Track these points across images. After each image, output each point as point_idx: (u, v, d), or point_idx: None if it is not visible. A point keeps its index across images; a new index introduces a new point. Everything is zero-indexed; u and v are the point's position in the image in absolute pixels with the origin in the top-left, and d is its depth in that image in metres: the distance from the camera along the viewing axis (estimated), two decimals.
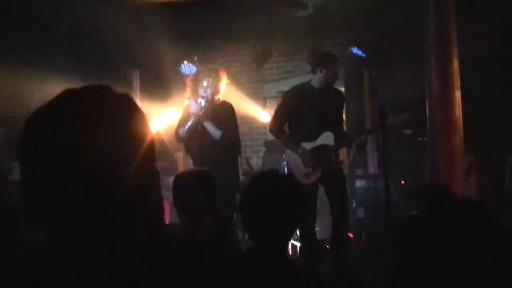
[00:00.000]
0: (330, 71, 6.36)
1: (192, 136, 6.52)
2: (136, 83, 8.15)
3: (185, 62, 9.52)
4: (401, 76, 8.44)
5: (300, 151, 6.37)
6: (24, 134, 1.28)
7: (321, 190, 6.36)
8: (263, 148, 10.13)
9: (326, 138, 6.34)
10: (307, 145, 6.38)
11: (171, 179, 3.93)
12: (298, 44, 10.21)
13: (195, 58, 9.48)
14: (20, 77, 7.11)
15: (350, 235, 7.12)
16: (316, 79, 6.44)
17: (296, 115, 6.43)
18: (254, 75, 10.75)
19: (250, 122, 10.41)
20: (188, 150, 6.76)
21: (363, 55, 8.78)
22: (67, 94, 1.32)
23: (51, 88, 7.62)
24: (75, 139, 1.25)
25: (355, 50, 8.91)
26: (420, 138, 7.65)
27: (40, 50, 7.87)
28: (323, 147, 6.33)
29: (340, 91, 6.84)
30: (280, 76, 10.62)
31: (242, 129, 10.20)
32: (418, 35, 6.42)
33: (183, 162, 9.33)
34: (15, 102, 7.11)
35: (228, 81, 6.67)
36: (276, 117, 6.61)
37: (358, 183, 8.52)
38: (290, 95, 6.60)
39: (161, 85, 8.39)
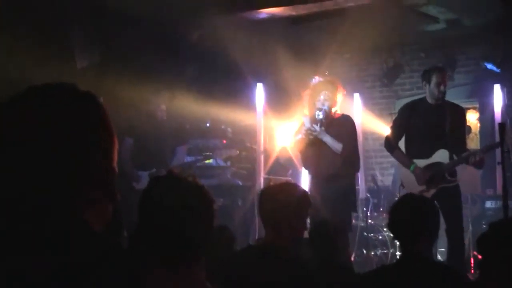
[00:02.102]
0: (432, 83, 6.21)
1: (310, 150, 6.50)
2: (260, 96, 8.25)
3: (316, 77, 9.54)
4: None
5: (412, 166, 6.23)
6: None
7: None
8: (391, 165, 9.93)
9: (441, 155, 6.18)
10: (421, 162, 6.23)
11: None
12: (431, 59, 9.93)
13: (326, 73, 9.47)
14: (148, 86, 7.42)
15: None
16: (427, 95, 6.32)
17: (409, 130, 6.34)
18: (386, 91, 10.59)
19: (379, 138, 10.22)
20: (306, 164, 6.76)
21: (497, 70, 8.41)
22: (30, 92, 1.36)
23: (179, 98, 7.95)
24: (35, 135, 1.30)
25: (489, 65, 8.56)
26: None
27: (170, 61, 8.20)
28: (437, 164, 6.16)
29: (459, 107, 6.57)
30: (412, 92, 10.36)
31: (371, 145, 10.10)
32: None
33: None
34: (142, 112, 7.43)
35: (344, 92, 6.59)
36: (390, 132, 6.56)
37: (489, 204, 8.15)
38: (403, 109, 6.54)
39: (285, 99, 8.47)
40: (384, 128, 9.68)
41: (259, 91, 8.23)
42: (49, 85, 1.36)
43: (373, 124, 9.75)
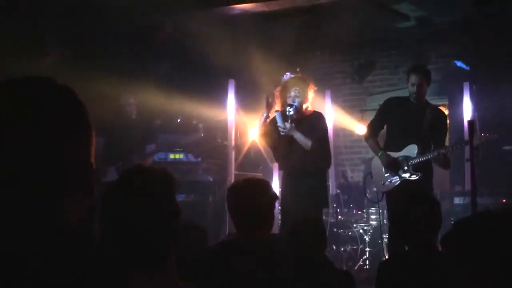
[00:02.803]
0: (409, 82, 6.41)
1: (281, 145, 6.52)
2: (231, 92, 8.23)
3: (287, 73, 9.55)
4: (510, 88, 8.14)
5: (380, 153, 6.50)
6: None
7: None
8: (361, 162, 10.00)
9: (410, 150, 6.37)
10: (392, 155, 6.45)
11: None
12: (401, 56, 10.02)
13: (298, 69, 9.48)
14: (119, 82, 7.39)
15: None
16: (409, 92, 6.49)
17: (388, 123, 6.59)
18: (357, 87, 10.63)
19: (350, 135, 10.27)
20: (276, 158, 6.80)
21: (467, 67, 8.49)
22: (7, 84, 1.34)
23: (148, 94, 7.92)
24: (12, 128, 1.28)
25: (459, 63, 8.65)
26: None
27: (142, 56, 8.16)
28: (405, 158, 6.38)
29: (440, 111, 6.81)
30: (383, 89, 10.44)
31: (341, 141, 10.15)
32: None
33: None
34: (111, 106, 7.40)
35: (315, 89, 6.62)
36: (370, 123, 6.80)
37: (457, 200, 8.23)
38: (387, 102, 6.77)
39: (257, 94, 8.46)
40: (354, 125, 9.74)
41: (231, 87, 8.21)
42: (28, 79, 1.35)
43: (343, 120, 9.79)
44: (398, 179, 6.38)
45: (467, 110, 8.27)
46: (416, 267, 3.58)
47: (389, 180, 6.45)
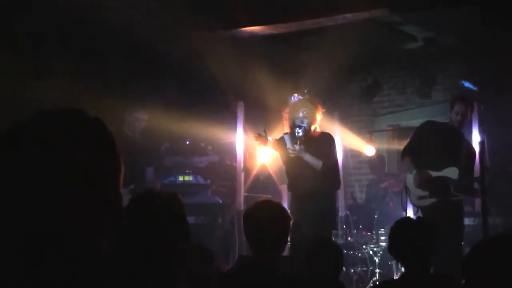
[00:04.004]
0: (453, 111, 6.69)
1: (291, 167, 6.53)
2: (241, 114, 8.26)
3: (295, 95, 9.57)
4: None
5: (416, 171, 6.68)
6: None
7: None
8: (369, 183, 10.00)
9: (451, 172, 6.57)
10: (432, 174, 6.64)
11: None
12: (409, 77, 10.03)
13: (306, 91, 9.50)
14: (127, 103, 7.42)
15: None
16: (451, 119, 6.78)
17: (427, 143, 6.78)
18: (365, 108, 10.64)
19: (359, 156, 10.26)
20: (285, 180, 6.82)
21: (474, 88, 8.50)
22: (39, 117, 1.35)
23: (156, 116, 7.92)
24: (43, 160, 1.29)
25: (466, 83, 8.65)
26: None
27: (150, 78, 8.20)
28: (446, 178, 6.55)
29: (470, 144, 7.08)
30: (390, 110, 10.46)
31: (350, 162, 10.13)
32: None
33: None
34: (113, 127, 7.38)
35: (323, 110, 6.65)
36: (408, 142, 6.97)
37: (466, 221, 8.16)
38: (426, 124, 6.98)
39: (266, 116, 8.47)
40: (363, 146, 9.75)
41: (240, 109, 8.24)
42: (59, 111, 1.36)
43: (352, 141, 9.79)
44: (435, 198, 6.53)
45: (475, 130, 8.25)
46: None
47: (426, 196, 6.61)
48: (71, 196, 1.29)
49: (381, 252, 8.49)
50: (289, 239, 6.42)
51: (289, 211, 6.56)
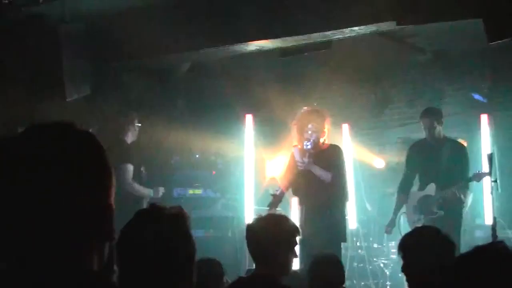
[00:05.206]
0: (422, 127, 6.97)
1: (300, 181, 6.53)
2: (249, 127, 8.28)
3: (304, 108, 9.57)
4: None
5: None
6: None
7: None
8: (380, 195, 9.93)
9: (429, 189, 6.77)
10: (416, 194, 6.93)
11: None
12: (419, 90, 10.00)
13: (315, 104, 9.50)
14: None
15: None
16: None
17: (415, 167, 7.11)
18: (375, 121, 10.61)
19: (368, 169, 10.21)
20: (295, 193, 6.80)
21: (484, 100, 8.48)
22: (29, 131, 1.36)
23: (165, 131, 7.94)
24: (32, 172, 1.30)
25: (476, 96, 8.64)
26: None
27: (159, 93, 8.23)
28: (427, 196, 6.72)
29: (458, 144, 7.12)
30: (400, 122, 10.41)
31: (359, 175, 10.09)
32: None
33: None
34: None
35: (332, 123, 6.68)
36: (402, 175, 7.31)
37: (478, 233, 8.13)
38: (408, 151, 7.29)
39: (275, 129, 8.50)
40: (373, 158, 9.71)
41: (248, 122, 8.26)
42: (48, 124, 1.37)
43: (362, 154, 9.76)
44: (423, 218, 6.74)
45: (485, 142, 8.24)
46: None
47: (418, 218, 6.84)
48: (61, 208, 1.29)
49: (392, 265, 8.45)
50: (298, 253, 6.50)
51: (299, 224, 6.64)
